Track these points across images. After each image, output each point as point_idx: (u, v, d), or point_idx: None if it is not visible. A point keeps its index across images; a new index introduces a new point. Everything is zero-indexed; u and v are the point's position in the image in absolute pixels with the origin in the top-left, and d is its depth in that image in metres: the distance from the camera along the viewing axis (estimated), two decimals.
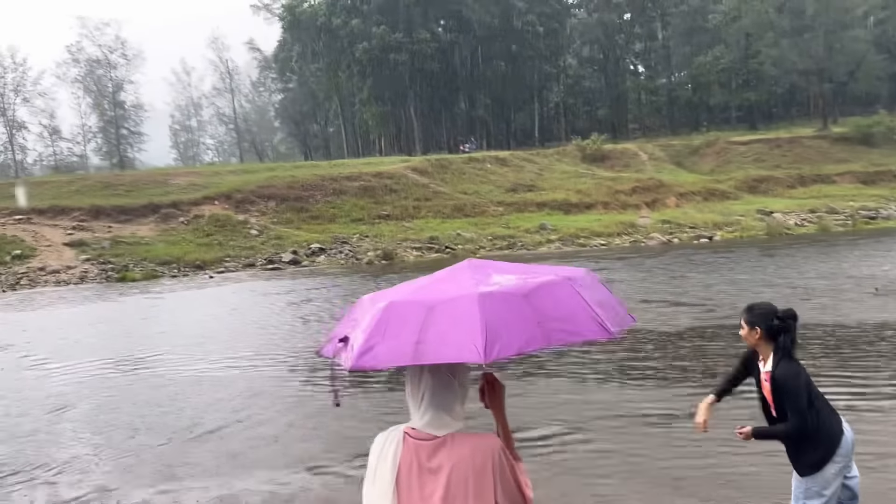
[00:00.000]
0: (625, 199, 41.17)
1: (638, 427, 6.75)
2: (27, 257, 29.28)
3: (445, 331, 1.87)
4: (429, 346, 1.86)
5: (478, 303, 1.88)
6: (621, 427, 6.77)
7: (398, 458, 2.03)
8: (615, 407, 7.40)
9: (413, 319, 1.91)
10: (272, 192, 38.43)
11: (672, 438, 6.34)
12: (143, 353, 11.80)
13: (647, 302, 14.21)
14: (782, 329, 3.58)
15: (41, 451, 6.99)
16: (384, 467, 2.04)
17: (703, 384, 8.16)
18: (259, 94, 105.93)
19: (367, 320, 2.00)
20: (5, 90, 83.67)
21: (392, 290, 2.18)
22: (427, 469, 2.00)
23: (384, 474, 2.03)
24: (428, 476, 2.00)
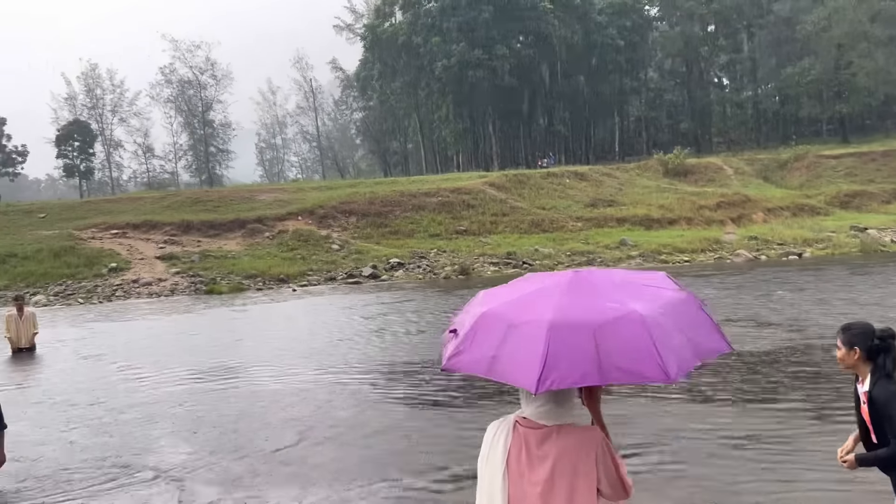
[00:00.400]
0: (709, 214, 40.11)
1: (718, 448, 6.54)
2: (122, 270, 30.72)
3: (515, 352, 2.02)
4: (500, 364, 2.03)
5: (546, 331, 2.00)
6: (700, 447, 6.58)
7: (509, 443, 2.25)
8: (694, 425, 7.20)
9: (495, 334, 2.08)
10: (353, 208, 39.20)
11: (754, 461, 6.12)
12: (233, 364, 12.17)
13: (730, 321, 13.78)
14: (882, 349, 3.43)
15: (134, 457, 7.30)
16: (496, 452, 2.25)
17: (787, 406, 7.86)
18: (341, 113, 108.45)
19: (467, 324, 2.23)
20: (104, 111, 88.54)
21: (496, 294, 2.38)
22: (536, 456, 2.19)
23: (495, 458, 2.24)
24: (537, 462, 2.19)
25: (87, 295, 27.38)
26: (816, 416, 7.38)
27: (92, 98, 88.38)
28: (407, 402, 8.95)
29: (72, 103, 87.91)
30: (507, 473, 2.22)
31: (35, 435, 8.22)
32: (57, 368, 12.89)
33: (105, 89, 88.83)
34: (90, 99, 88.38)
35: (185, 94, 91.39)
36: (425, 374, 10.59)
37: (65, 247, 32.58)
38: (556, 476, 2.15)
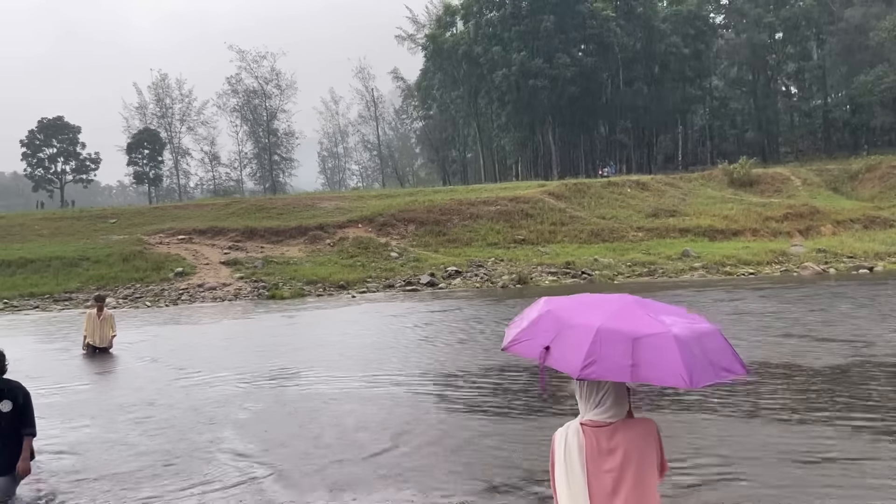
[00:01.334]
0: (775, 225, 39.06)
1: (778, 466, 6.35)
2: (188, 274, 31.58)
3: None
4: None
5: (594, 333, 2.52)
6: (761, 464, 6.40)
7: (583, 443, 2.66)
8: (756, 443, 7.01)
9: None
10: (412, 216, 39.49)
11: (813, 478, 5.93)
12: (296, 368, 12.36)
13: (789, 335, 13.37)
14: None
15: (193, 459, 7.49)
16: (572, 453, 2.65)
17: (847, 425, 7.58)
18: (401, 122, 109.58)
19: (529, 319, 2.71)
20: (173, 119, 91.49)
21: (556, 301, 2.79)
22: (606, 449, 2.63)
23: (572, 458, 2.64)
24: (607, 455, 2.63)
25: (154, 298, 28.21)
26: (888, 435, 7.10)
27: (161, 107, 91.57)
28: (479, 409, 8.95)
29: (142, 112, 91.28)
30: (585, 469, 2.62)
31: (107, 436, 8.52)
32: (130, 370, 13.31)
33: (174, 99, 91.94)
34: (160, 108, 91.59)
35: (250, 103, 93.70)
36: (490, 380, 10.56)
37: (134, 251, 33.69)
38: (626, 463, 2.61)
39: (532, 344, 2.63)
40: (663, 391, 9.05)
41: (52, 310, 25.92)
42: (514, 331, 2.75)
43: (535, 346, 2.61)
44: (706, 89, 78.61)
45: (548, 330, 2.62)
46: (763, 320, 15.69)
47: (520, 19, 69.53)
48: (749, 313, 17.05)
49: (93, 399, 10.64)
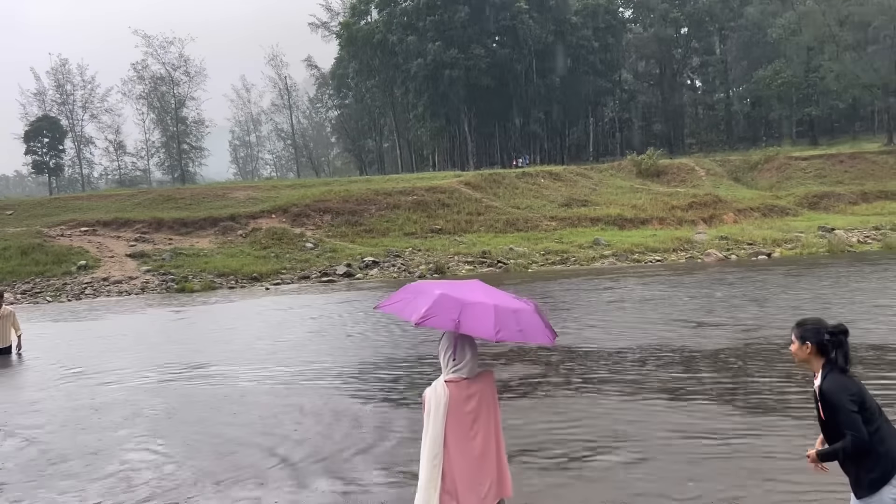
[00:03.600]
0: (681, 214, 40.54)
1: (678, 441, 6.64)
2: (92, 268, 30.31)
3: (474, 317, 3.30)
4: (464, 324, 3.27)
5: (493, 310, 3.35)
6: (667, 443, 6.67)
7: (449, 395, 3.43)
8: (659, 423, 7.29)
9: (453, 306, 3.30)
10: (327, 207, 39.04)
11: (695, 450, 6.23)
12: (201, 362, 12.08)
13: (678, 320, 13.94)
14: (833, 344, 3.51)
15: (97, 458, 7.22)
16: (440, 403, 3.41)
17: (743, 403, 7.99)
18: (316, 111, 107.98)
19: (422, 300, 3.37)
20: (74, 107, 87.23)
21: (437, 286, 3.48)
22: (466, 396, 3.44)
23: (439, 407, 3.41)
24: (467, 400, 3.45)
25: (55, 293, 26.97)
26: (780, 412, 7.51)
27: (62, 94, 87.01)
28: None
29: (41, 99, 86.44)
30: (446, 415, 3.39)
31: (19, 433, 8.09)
32: (29, 369, 12.69)
33: (76, 85, 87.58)
34: (60, 95, 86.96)
35: (157, 90, 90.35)
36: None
37: (33, 244, 32.06)
38: (481, 403, 3.47)
39: (443, 318, 3.29)
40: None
41: None
42: (419, 309, 3.33)
43: (447, 319, 3.28)
44: (616, 82, 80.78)
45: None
46: (672, 304, 16.31)
47: (434, 9, 69.51)
48: (651, 299, 17.68)
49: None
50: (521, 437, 6.91)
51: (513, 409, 8.06)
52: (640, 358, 10.64)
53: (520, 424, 7.39)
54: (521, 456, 6.42)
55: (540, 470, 6.14)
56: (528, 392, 8.96)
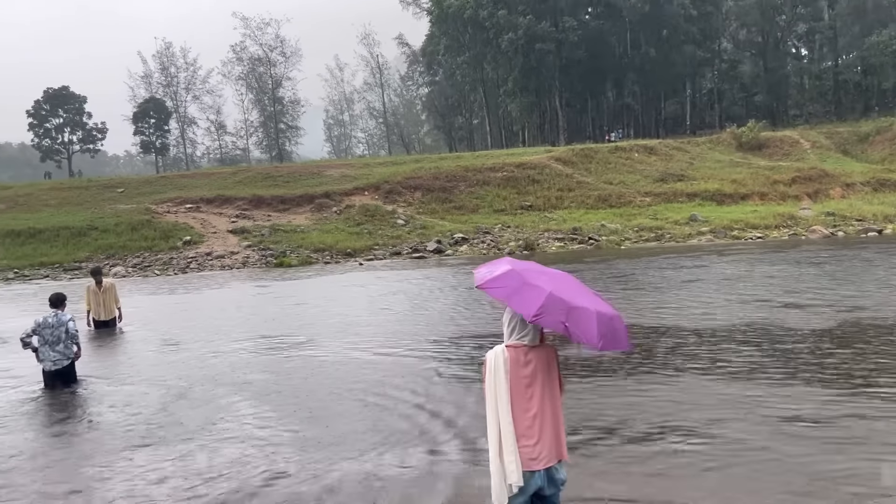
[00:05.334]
0: (784, 189, 38.83)
1: (777, 426, 6.41)
2: (196, 243, 31.74)
3: (580, 325, 3.42)
4: (571, 329, 3.41)
5: (596, 317, 3.45)
6: (759, 427, 6.46)
7: (508, 358, 3.67)
8: (754, 406, 7.06)
9: (561, 308, 3.44)
10: (418, 184, 39.42)
11: (818, 441, 5.98)
12: (301, 337, 12.49)
13: (786, 301, 13.36)
14: None
15: (208, 424, 7.60)
16: (500, 365, 3.65)
17: (841, 386, 7.62)
18: (407, 88, 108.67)
19: (533, 295, 3.48)
20: (178, 88, 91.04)
21: (540, 280, 3.59)
22: (524, 362, 3.68)
23: (500, 368, 3.65)
24: (524, 365, 3.67)
25: (163, 267, 28.40)
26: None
27: (167, 76, 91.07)
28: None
29: (148, 81, 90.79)
30: (508, 375, 3.64)
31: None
32: (133, 340, 13.42)
33: (179, 67, 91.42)
34: (165, 77, 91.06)
35: (255, 71, 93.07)
36: None
37: (142, 220, 33.84)
38: (536, 371, 3.68)
39: (500, 290, 3.59)
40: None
41: (62, 279, 26.13)
42: (487, 277, 3.66)
43: (502, 290, 3.57)
44: (715, 52, 77.51)
45: (513, 283, 3.57)
46: (770, 282, 15.70)
47: None
48: (750, 277, 17.05)
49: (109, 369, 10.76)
50: (611, 418, 6.85)
51: (585, 389, 7.99)
52: (741, 339, 10.31)
53: (595, 405, 7.31)
54: (610, 437, 6.36)
55: (636, 456, 6.07)
56: (616, 371, 8.84)
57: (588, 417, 6.86)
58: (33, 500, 5.56)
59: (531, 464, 3.61)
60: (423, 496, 5.27)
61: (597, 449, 6.06)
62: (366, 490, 5.43)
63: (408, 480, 5.59)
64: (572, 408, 6.78)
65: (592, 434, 6.41)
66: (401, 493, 5.35)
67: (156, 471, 6.04)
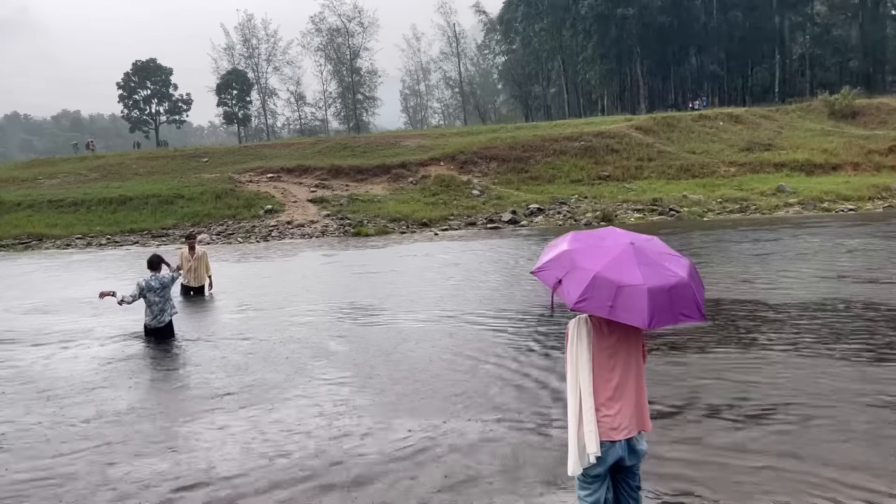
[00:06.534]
0: (879, 159, 36.83)
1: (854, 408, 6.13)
2: (277, 212, 32.48)
3: (629, 305, 3.30)
4: (618, 311, 3.32)
5: (647, 294, 3.28)
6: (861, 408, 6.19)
7: (591, 327, 3.60)
8: (857, 387, 6.77)
9: (607, 291, 3.31)
10: (494, 154, 39.16)
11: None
12: (375, 303, 12.67)
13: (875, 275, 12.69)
14: None
15: (291, 383, 7.82)
16: (583, 334, 3.60)
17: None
18: (483, 57, 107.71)
19: (578, 279, 3.39)
20: (259, 60, 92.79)
21: (592, 258, 3.45)
22: (607, 332, 3.59)
23: (583, 337, 3.60)
24: (608, 335, 3.59)
25: (245, 235, 29.20)
26: None
27: (248, 48, 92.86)
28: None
29: (230, 53, 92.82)
30: (591, 344, 3.58)
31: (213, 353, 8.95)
32: (224, 308, 13.85)
33: (260, 39, 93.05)
34: (246, 49, 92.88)
35: (333, 42, 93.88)
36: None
37: (225, 189, 34.82)
38: (619, 342, 3.60)
39: (550, 274, 3.51)
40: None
41: (151, 245, 27.21)
42: (543, 260, 3.60)
43: (552, 276, 3.49)
44: (807, 15, 73.74)
45: (563, 267, 3.47)
46: (860, 257, 14.99)
47: None
48: (844, 251, 16.29)
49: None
50: (680, 391, 6.70)
51: (671, 361, 7.82)
52: (830, 316, 9.89)
53: (680, 377, 7.15)
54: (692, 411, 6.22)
55: (722, 428, 5.92)
56: (707, 346, 8.62)
57: (667, 391, 6.73)
58: (131, 455, 5.84)
59: (612, 434, 3.56)
60: (499, 463, 5.28)
61: (675, 420, 5.96)
62: (433, 457, 5.48)
63: (484, 446, 5.62)
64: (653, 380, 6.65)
65: (673, 408, 6.30)
66: (470, 460, 5.38)
67: (245, 429, 6.26)
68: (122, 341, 10.12)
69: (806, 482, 4.70)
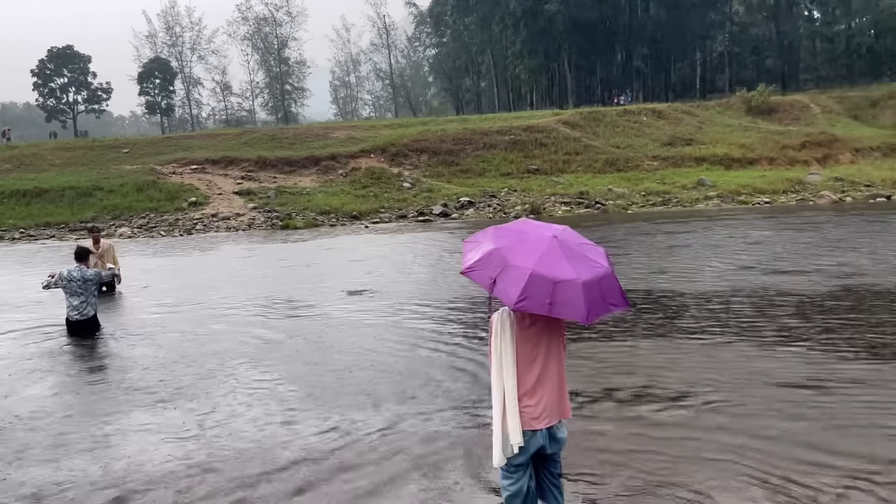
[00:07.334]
0: (793, 154, 38.51)
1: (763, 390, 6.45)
2: (201, 204, 31.71)
3: (566, 300, 3.32)
4: (556, 307, 3.33)
5: (582, 288, 3.32)
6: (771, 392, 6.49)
7: (514, 319, 3.61)
8: (762, 371, 7.10)
9: (545, 288, 3.31)
10: (425, 146, 39.18)
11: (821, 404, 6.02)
12: (298, 297, 12.55)
13: (780, 265, 13.33)
14: None
15: (210, 382, 7.68)
16: (506, 326, 3.62)
17: (846, 352, 7.64)
18: (414, 50, 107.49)
19: (515, 278, 3.35)
20: (183, 48, 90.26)
21: (522, 255, 3.42)
22: (529, 323, 3.61)
23: (506, 329, 3.62)
24: (530, 326, 3.62)
25: (168, 228, 28.43)
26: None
27: (171, 36, 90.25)
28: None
29: (152, 41, 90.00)
30: (514, 336, 3.61)
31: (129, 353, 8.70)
32: (132, 304, 13.48)
33: (184, 27, 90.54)
34: (170, 37, 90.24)
35: (261, 31, 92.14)
36: None
37: (147, 181, 33.78)
38: (541, 332, 3.64)
39: (483, 275, 3.47)
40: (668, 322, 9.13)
41: (69, 239, 26.19)
42: (472, 259, 3.55)
43: (485, 276, 3.45)
44: (726, 14, 76.28)
45: (495, 266, 3.42)
46: (770, 248, 15.67)
47: None
48: (757, 242, 17.01)
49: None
50: (598, 378, 6.89)
51: (589, 350, 8.04)
52: (734, 301, 10.32)
53: (598, 365, 7.36)
54: (600, 398, 6.41)
55: (621, 416, 6.11)
56: (613, 335, 8.87)
57: (585, 378, 6.92)
58: (51, 455, 5.65)
59: (533, 423, 3.62)
60: (423, 456, 5.33)
61: (594, 408, 6.13)
62: (362, 449, 5.49)
63: (406, 440, 5.66)
64: (572, 368, 6.82)
65: (590, 395, 6.47)
66: (401, 452, 5.41)
67: (167, 427, 6.13)
68: (39, 337, 9.77)
69: (732, 452, 4.92)
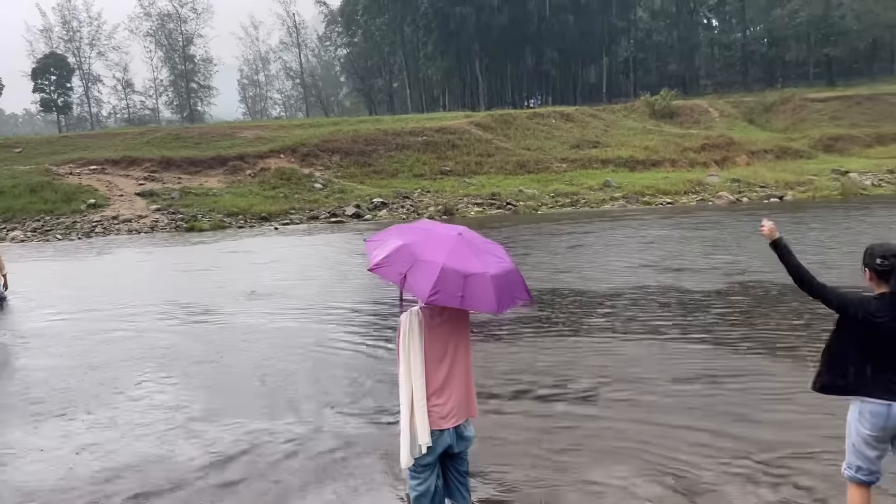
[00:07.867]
0: (693, 156, 40.10)
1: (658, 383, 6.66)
2: (101, 206, 30.37)
3: (477, 293, 3.36)
4: (468, 300, 3.36)
5: (492, 281, 3.40)
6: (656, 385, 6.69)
7: (422, 318, 3.61)
8: (656, 364, 7.32)
9: (456, 281, 3.33)
10: (336, 147, 38.76)
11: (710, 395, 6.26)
12: (202, 302, 12.17)
13: (677, 264, 13.88)
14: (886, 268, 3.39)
15: (103, 391, 7.34)
16: (414, 325, 3.60)
17: (734, 348, 7.99)
18: (325, 49, 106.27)
19: (426, 272, 3.35)
20: (81, 44, 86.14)
21: (432, 250, 3.44)
22: (438, 321, 3.62)
23: (414, 328, 3.60)
24: (439, 324, 3.62)
25: (65, 231, 27.10)
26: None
27: (68, 30, 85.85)
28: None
29: (48, 35, 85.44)
30: (422, 334, 3.59)
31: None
32: (20, 310, 12.80)
33: (82, 21, 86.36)
34: (66, 31, 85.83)
35: (165, 27, 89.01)
36: None
37: (42, 182, 32.09)
38: (450, 329, 3.64)
39: (392, 270, 3.43)
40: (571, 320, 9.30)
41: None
42: (379, 256, 3.50)
43: (394, 272, 3.41)
44: (631, 21, 78.94)
45: (405, 261, 3.41)
46: (673, 246, 16.25)
47: None
48: (655, 241, 17.61)
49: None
50: (507, 376, 6.96)
51: (498, 350, 8.11)
52: (633, 299, 10.63)
53: (506, 364, 7.43)
54: (503, 395, 6.46)
55: (517, 411, 6.18)
56: (516, 332, 8.99)
57: (493, 377, 6.96)
58: None
59: (441, 422, 3.60)
60: (332, 461, 5.23)
61: (501, 406, 6.17)
62: (272, 455, 5.35)
63: (315, 444, 5.54)
64: (479, 368, 6.86)
65: (497, 394, 6.51)
66: (311, 457, 5.30)
67: (63, 441, 5.80)
68: None
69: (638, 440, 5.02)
